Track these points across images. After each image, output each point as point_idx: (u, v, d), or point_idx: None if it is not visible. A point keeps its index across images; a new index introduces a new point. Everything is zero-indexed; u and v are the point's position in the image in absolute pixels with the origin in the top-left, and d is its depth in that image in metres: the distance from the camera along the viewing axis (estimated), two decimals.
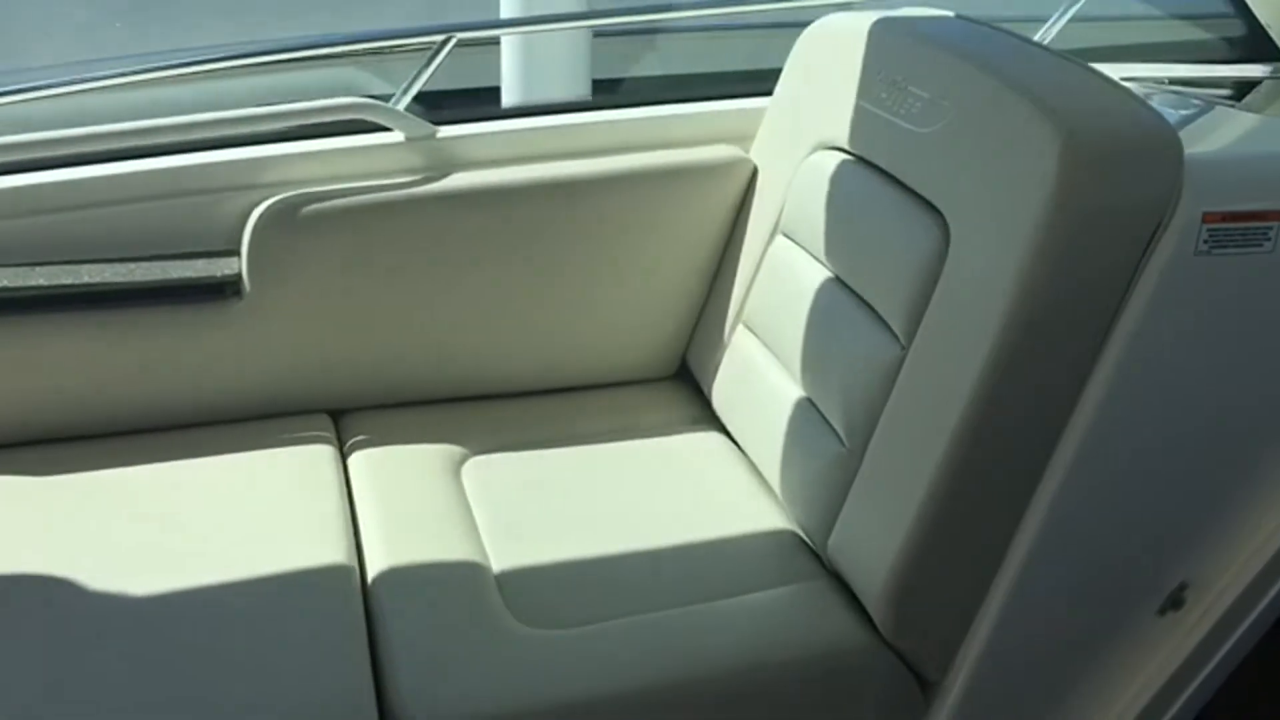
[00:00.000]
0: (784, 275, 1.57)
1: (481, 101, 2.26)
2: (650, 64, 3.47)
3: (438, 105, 1.84)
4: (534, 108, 1.94)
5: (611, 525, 1.48)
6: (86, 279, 1.57)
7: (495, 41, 2.68)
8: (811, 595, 1.37)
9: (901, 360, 1.31)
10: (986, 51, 1.38)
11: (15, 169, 1.63)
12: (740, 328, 1.65)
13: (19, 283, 1.55)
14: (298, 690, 1.20)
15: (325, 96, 1.71)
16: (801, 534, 1.47)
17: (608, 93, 2.99)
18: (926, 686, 1.32)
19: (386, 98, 1.71)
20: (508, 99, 2.84)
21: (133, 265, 1.60)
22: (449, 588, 1.35)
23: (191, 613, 1.29)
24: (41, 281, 1.56)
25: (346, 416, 1.69)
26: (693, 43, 3.61)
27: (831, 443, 1.39)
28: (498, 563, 1.40)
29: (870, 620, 1.31)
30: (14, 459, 1.54)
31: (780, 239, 1.60)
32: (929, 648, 1.29)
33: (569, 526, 1.47)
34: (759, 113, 1.75)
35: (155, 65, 1.92)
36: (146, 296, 1.59)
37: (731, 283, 1.69)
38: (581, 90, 2.89)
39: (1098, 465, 1.23)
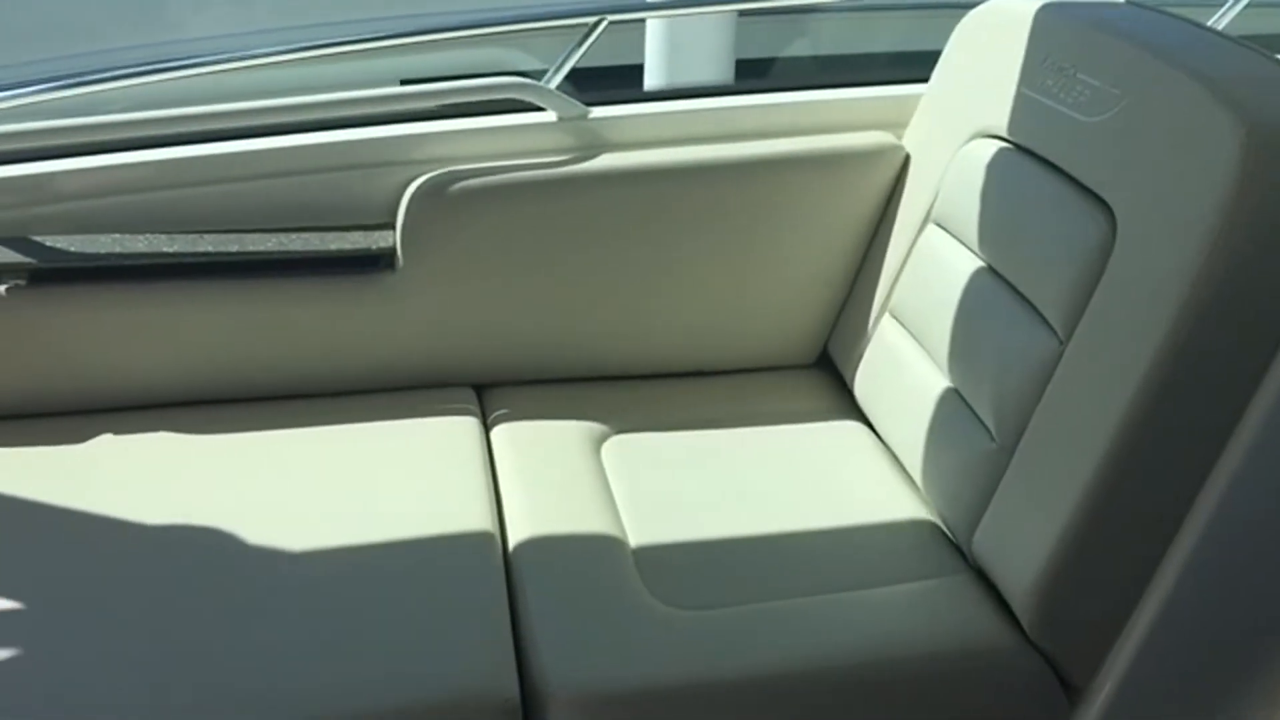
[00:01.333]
0: (934, 265, 1.54)
1: (623, 82, 2.28)
2: (798, 46, 3.44)
3: (577, 85, 1.86)
4: (678, 90, 1.94)
5: (749, 509, 1.47)
6: (250, 248, 1.63)
7: (640, 21, 2.69)
8: (954, 590, 1.34)
9: (1059, 355, 1.27)
10: (1162, 38, 1.33)
11: (184, 140, 1.70)
12: (886, 317, 1.63)
13: (187, 249, 1.61)
14: (441, 653, 1.22)
15: (467, 75, 1.75)
16: (944, 527, 1.44)
17: (752, 75, 2.98)
18: (1071, 690, 1.29)
19: (536, 75, 1.74)
20: (650, 81, 2.85)
21: (292, 235, 1.66)
22: (589, 563, 1.37)
23: (340, 572, 1.33)
24: (208, 249, 1.62)
25: (490, 391, 1.72)
26: (842, 25, 3.57)
27: (980, 437, 1.36)
28: (636, 540, 1.41)
29: (1015, 619, 1.28)
30: (178, 418, 1.61)
31: (932, 228, 1.57)
32: (1076, 651, 1.26)
33: (707, 508, 1.48)
34: (912, 99, 1.72)
35: (312, 44, 1.97)
36: (305, 266, 1.64)
37: (878, 271, 1.67)
38: (725, 73, 2.88)
39: (1267, 470, 1.18)
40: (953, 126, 1.58)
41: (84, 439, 1.57)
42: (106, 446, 1.56)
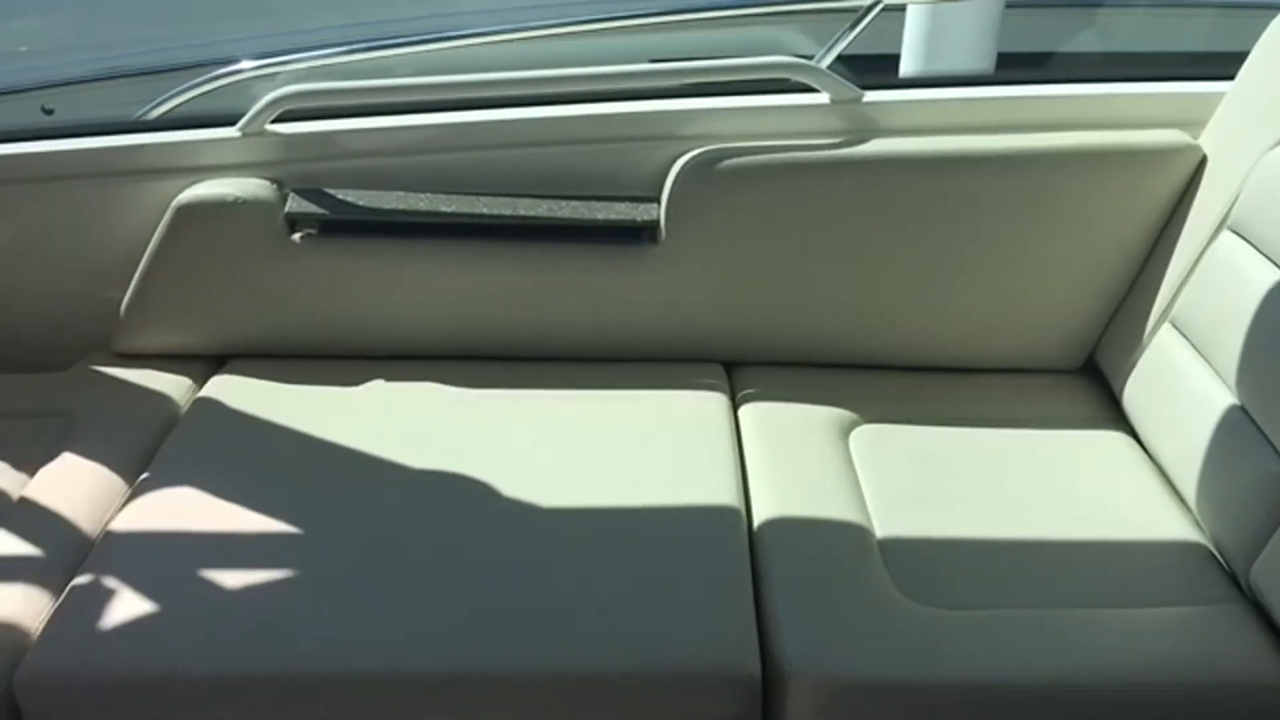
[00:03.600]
0: (1228, 274, 1.44)
1: (875, 68, 2.23)
2: (1062, 41, 3.29)
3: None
4: (939, 78, 1.88)
5: (1003, 512, 1.42)
6: (522, 212, 1.69)
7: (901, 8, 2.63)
8: (1224, 620, 1.26)
9: None
10: None
11: (466, 106, 1.78)
12: (1166, 326, 1.54)
13: (464, 209, 1.69)
14: (684, 622, 1.24)
15: (729, 54, 1.75)
16: (1215, 552, 1.36)
17: (1015, 67, 2.86)
18: None
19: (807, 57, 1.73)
20: (907, 67, 2.78)
21: (562, 203, 1.70)
22: (834, 548, 1.36)
23: (588, 532, 1.37)
24: (483, 210, 1.69)
25: (740, 369, 1.73)
26: (1114, 18, 3.39)
27: (1269, 461, 1.27)
28: (882, 532, 1.39)
29: None
30: (443, 370, 1.68)
31: (1227, 235, 1.47)
32: None
33: (957, 507, 1.44)
34: (1210, 98, 1.62)
35: (587, 19, 2.03)
36: (572, 233, 1.69)
37: (1159, 276, 1.58)
38: (985, 64, 2.78)
39: None
40: (1259, 129, 1.47)
41: (358, 382, 1.67)
42: (377, 391, 1.65)
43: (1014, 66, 2.82)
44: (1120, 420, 1.60)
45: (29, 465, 1.49)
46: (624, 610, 1.25)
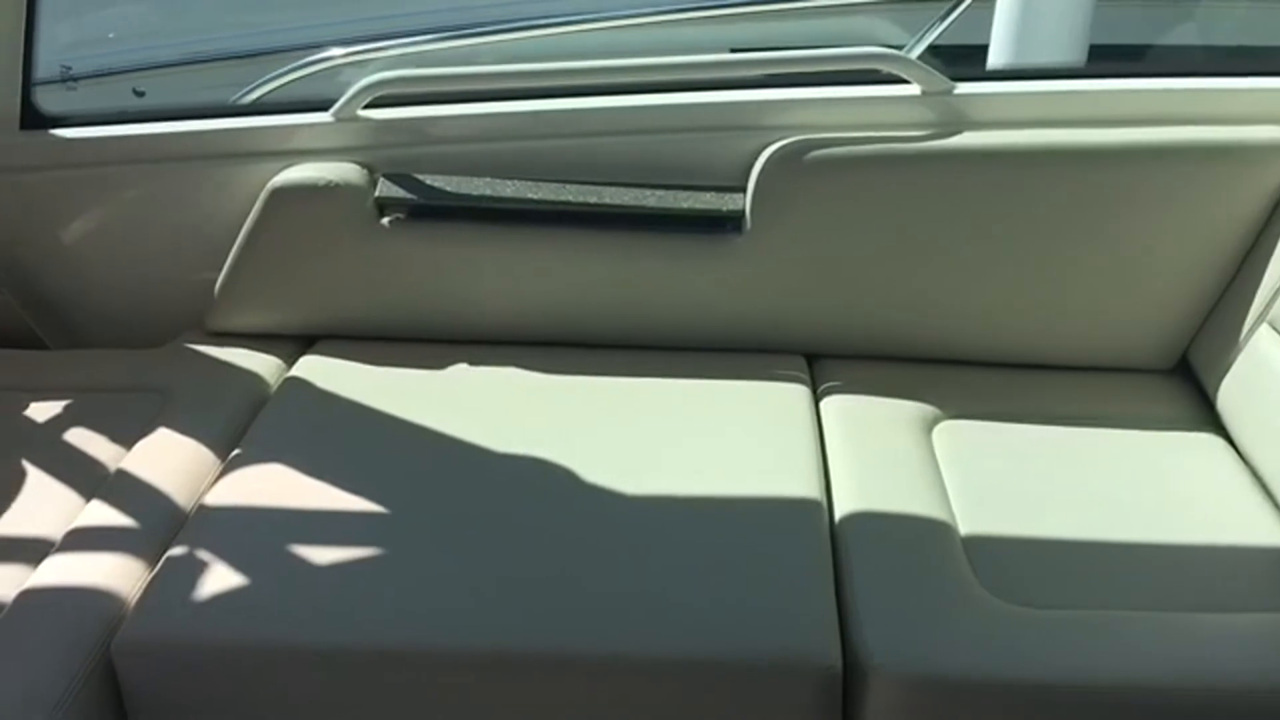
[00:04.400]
0: None
1: (958, 59, 2.21)
2: (1158, 35, 3.22)
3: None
4: (1031, 70, 1.85)
5: (1091, 512, 1.40)
6: (607, 200, 1.69)
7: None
8: None
9: None
10: None
11: (553, 94, 1.79)
12: (1264, 327, 1.50)
13: (551, 196, 1.70)
14: (765, 612, 1.24)
15: (815, 44, 1.74)
16: None
17: (1107, 60, 2.80)
18: None
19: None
20: (995, 59, 2.74)
21: (648, 191, 1.71)
22: (916, 543, 1.35)
23: (669, 519, 1.37)
24: (569, 198, 1.70)
25: (821, 361, 1.72)
26: (1211, 10, 3.31)
27: None
28: (966, 528, 1.37)
29: None
30: (527, 356, 1.70)
31: None
32: None
33: (1044, 505, 1.42)
34: None
35: (677, 7, 2.03)
36: (657, 222, 1.69)
37: (1258, 276, 1.54)
38: (1077, 56, 2.73)
39: None
40: None
41: (442, 366, 1.69)
42: (461, 375, 1.67)
43: (1106, 59, 2.77)
44: (1212, 422, 1.57)
45: (126, 438, 1.54)
46: (704, 598, 1.26)
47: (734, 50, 2.23)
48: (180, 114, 1.84)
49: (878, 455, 1.50)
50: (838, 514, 1.40)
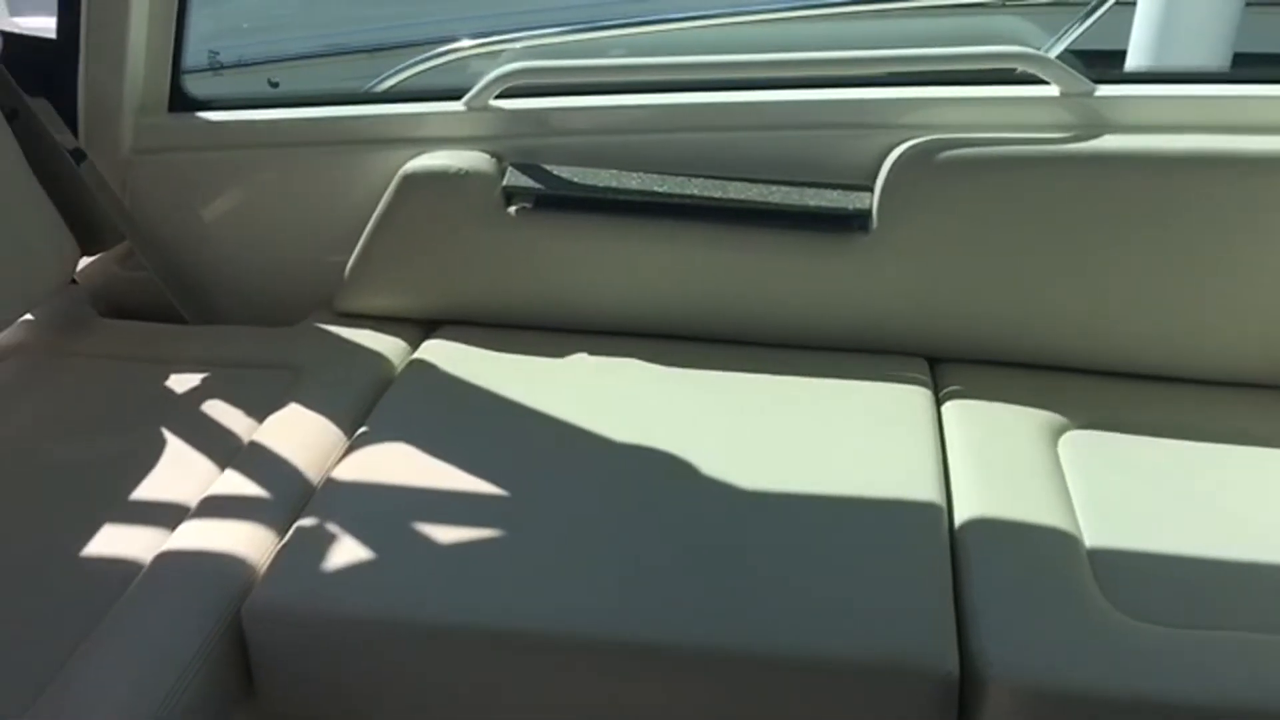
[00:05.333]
0: None
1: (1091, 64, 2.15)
2: None
3: None
4: (1174, 74, 1.79)
5: (1221, 530, 1.35)
6: (732, 195, 1.69)
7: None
8: None
9: None
10: None
11: (679, 88, 1.79)
12: None
13: (676, 190, 1.70)
14: (882, 614, 1.23)
15: (943, 42, 1.71)
16: None
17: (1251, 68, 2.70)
18: None
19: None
20: (1134, 62, 2.66)
21: (773, 188, 1.70)
22: (1039, 552, 1.32)
23: (787, 516, 1.37)
24: (694, 192, 1.70)
25: (944, 365, 1.69)
26: None
27: None
28: (1092, 541, 1.34)
29: None
30: (646, 348, 1.71)
31: None
32: None
33: (1173, 521, 1.37)
34: None
35: (808, 3, 2.01)
36: (782, 219, 1.68)
37: None
38: (1220, 62, 2.63)
39: None
40: None
41: (562, 354, 1.71)
42: (581, 364, 1.69)
43: (1251, 67, 2.67)
44: None
45: (258, 412, 1.59)
46: (822, 596, 1.25)
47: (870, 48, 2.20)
48: (318, 100, 1.90)
49: (1001, 461, 1.47)
50: (958, 519, 1.38)
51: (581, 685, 1.24)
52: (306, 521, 1.36)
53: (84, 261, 1.88)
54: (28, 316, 1.80)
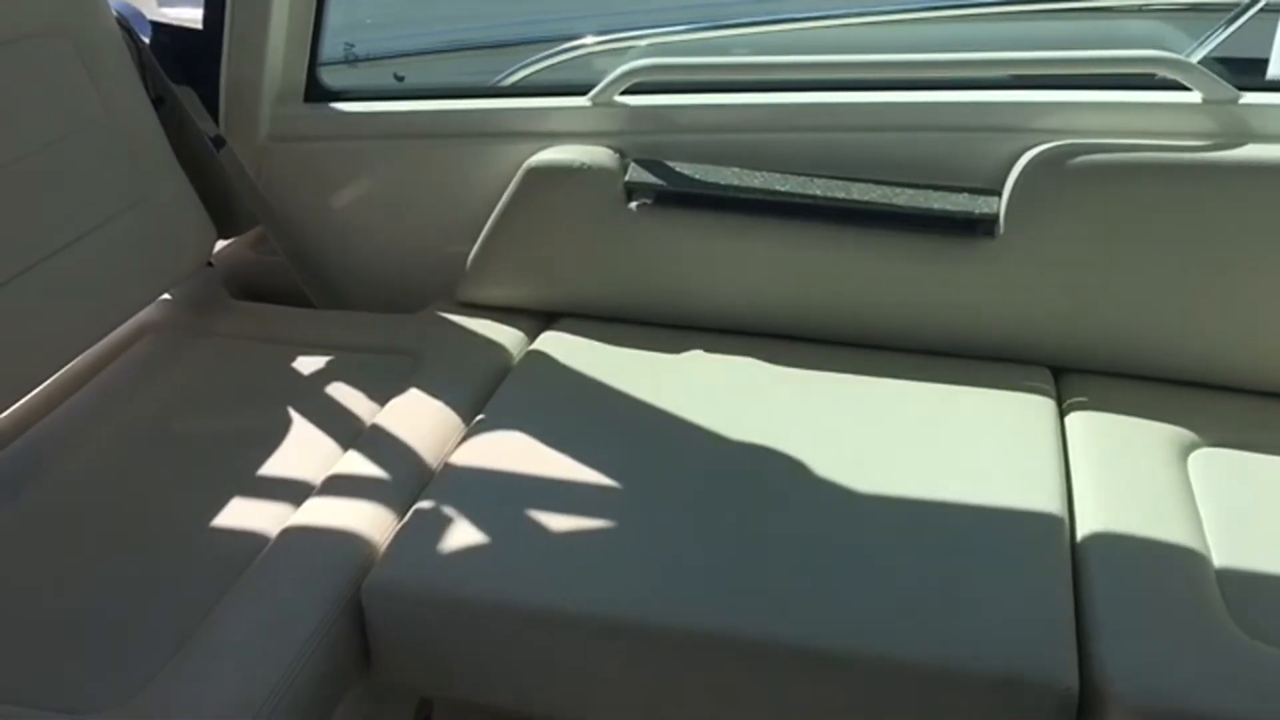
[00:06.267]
0: None
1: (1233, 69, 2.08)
2: None
3: None
4: None
5: None
6: (855, 196, 1.68)
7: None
8: None
9: None
10: None
11: (802, 87, 1.78)
12: None
13: (798, 190, 1.69)
14: (1001, 625, 1.20)
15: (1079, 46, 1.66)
16: None
17: None
18: None
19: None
20: (1277, 69, 2.55)
21: (897, 189, 1.68)
22: (1164, 570, 1.28)
23: (904, 523, 1.35)
24: (816, 192, 1.69)
25: (1068, 376, 1.65)
26: None
27: None
28: (1221, 561, 1.29)
29: None
30: (764, 347, 1.71)
31: None
32: None
33: None
34: None
35: (939, 4, 1.98)
36: (905, 221, 1.66)
37: None
38: None
39: None
40: None
41: (678, 350, 1.72)
42: (696, 361, 1.69)
43: None
44: None
45: (380, 396, 1.63)
46: (938, 603, 1.23)
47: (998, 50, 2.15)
48: (446, 94, 1.93)
49: (1127, 476, 1.43)
50: (1080, 533, 1.35)
51: (685, 679, 1.24)
52: (424, 504, 1.39)
53: (220, 244, 1.95)
54: (166, 296, 1.88)
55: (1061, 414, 1.58)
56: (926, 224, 1.65)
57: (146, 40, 1.82)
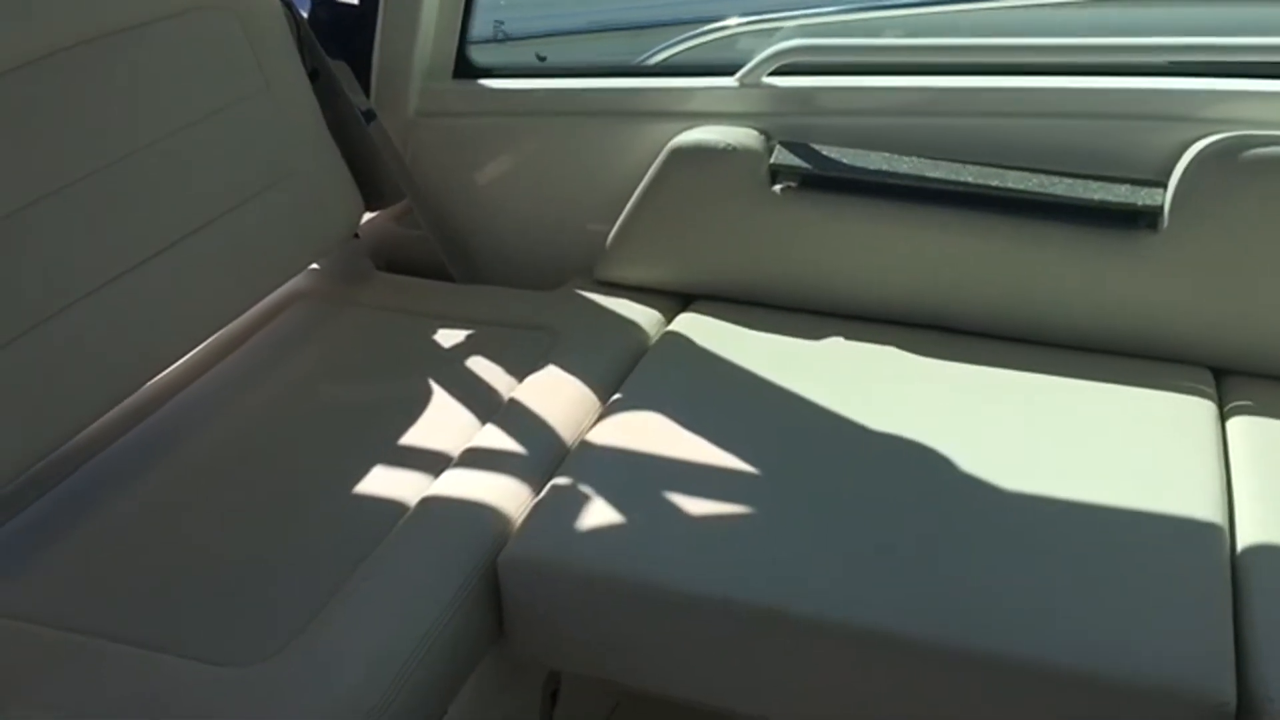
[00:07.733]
0: None
1: None
2: None
3: None
4: None
5: None
6: (1010, 184, 1.62)
7: None
8: None
9: None
10: None
11: (956, 70, 1.73)
12: None
13: (949, 176, 1.65)
14: (1155, 634, 1.15)
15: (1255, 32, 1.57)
16: None
17: None
18: None
19: None
20: None
21: (1054, 179, 1.62)
22: None
23: (1054, 523, 1.30)
24: (968, 179, 1.64)
25: (1231, 378, 1.57)
26: None
27: None
28: None
29: None
30: (906, 336, 1.67)
31: None
32: None
33: None
34: None
35: None
36: (1062, 211, 1.60)
37: None
38: None
39: None
40: None
41: (816, 337, 1.69)
42: (836, 348, 1.66)
43: None
44: None
45: (518, 371, 1.64)
46: (1088, 608, 1.18)
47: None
48: (592, 72, 1.94)
49: None
50: (1240, 542, 1.28)
51: (809, 666, 1.23)
52: (561, 480, 1.40)
53: (366, 217, 1.99)
54: (314, 265, 1.93)
55: (1222, 417, 1.50)
56: (1085, 215, 1.59)
57: (305, 14, 1.87)
